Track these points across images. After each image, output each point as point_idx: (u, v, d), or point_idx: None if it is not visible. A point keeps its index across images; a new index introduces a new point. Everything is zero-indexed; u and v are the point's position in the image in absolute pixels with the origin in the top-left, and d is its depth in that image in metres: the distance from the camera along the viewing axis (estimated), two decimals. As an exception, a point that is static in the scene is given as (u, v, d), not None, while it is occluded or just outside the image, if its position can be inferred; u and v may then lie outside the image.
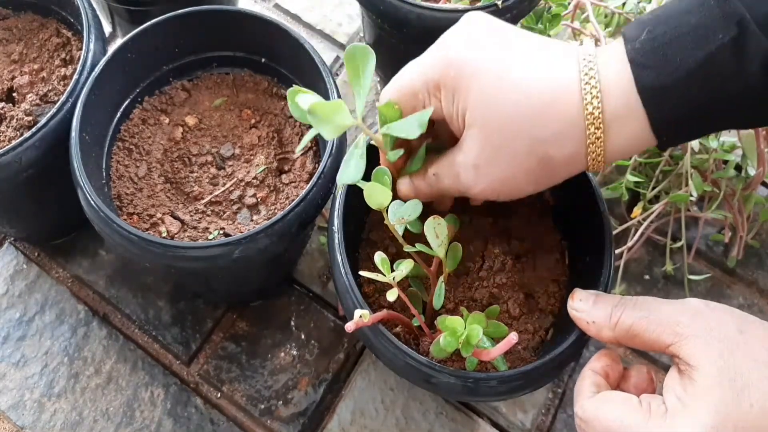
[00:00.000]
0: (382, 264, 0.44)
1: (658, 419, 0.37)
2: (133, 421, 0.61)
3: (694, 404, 0.36)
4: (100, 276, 0.67)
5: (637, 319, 0.40)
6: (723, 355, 0.37)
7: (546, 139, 0.39)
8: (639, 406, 0.38)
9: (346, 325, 0.42)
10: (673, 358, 0.39)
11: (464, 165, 0.42)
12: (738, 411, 0.35)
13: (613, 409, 0.39)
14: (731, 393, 0.35)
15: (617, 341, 0.41)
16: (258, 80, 0.63)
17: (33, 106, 0.59)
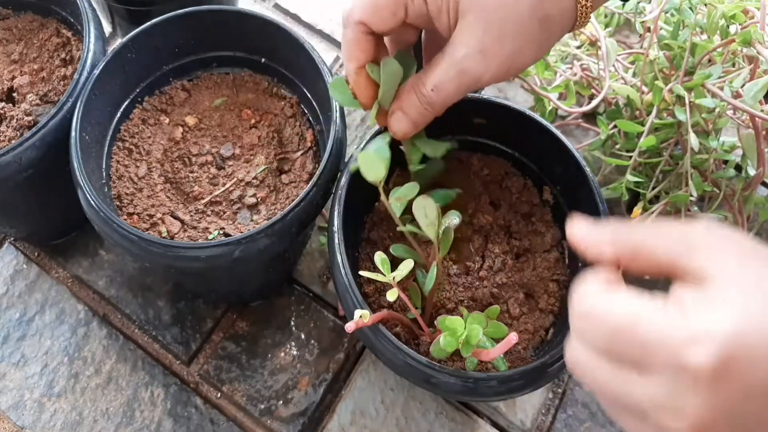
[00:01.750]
0: (382, 264, 0.44)
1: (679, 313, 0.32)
2: (133, 421, 0.61)
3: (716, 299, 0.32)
4: (100, 276, 0.67)
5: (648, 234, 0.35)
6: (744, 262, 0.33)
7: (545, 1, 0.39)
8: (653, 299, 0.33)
9: (346, 325, 0.42)
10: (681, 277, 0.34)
11: (469, 56, 0.40)
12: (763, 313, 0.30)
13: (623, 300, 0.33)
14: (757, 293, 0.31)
15: (617, 260, 0.37)
16: (258, 80, 0.63)
17: (33, 106, 0.59)
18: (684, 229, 0.35)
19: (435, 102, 0.42)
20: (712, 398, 0.31)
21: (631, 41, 0.75)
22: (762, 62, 0.57)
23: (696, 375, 0.30)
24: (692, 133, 0.58)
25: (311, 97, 0.60)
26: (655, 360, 0.32)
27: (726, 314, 0.31)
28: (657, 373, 0.31)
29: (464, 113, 0.53)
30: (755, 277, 0.32)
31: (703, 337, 0.30)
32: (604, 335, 0.33)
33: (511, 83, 0.76)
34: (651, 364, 0.32)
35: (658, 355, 0.31)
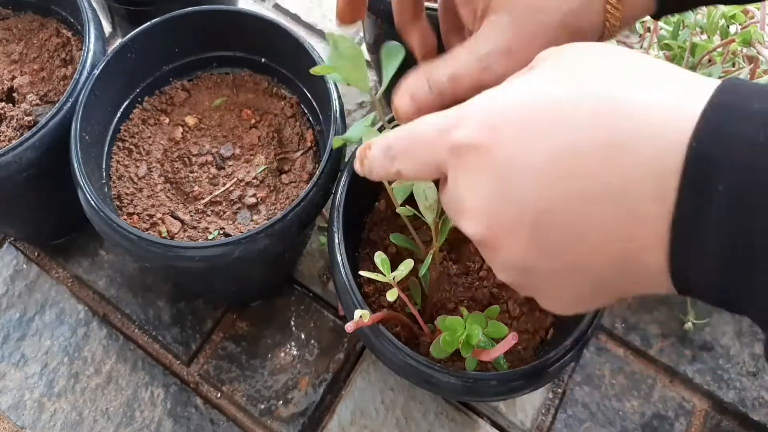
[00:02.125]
0: (382, 264, 0.44)
1: (452, 109, 0.31)
2: (133, 421, 0.61)
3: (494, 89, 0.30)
4: (100, 276, 0.67)
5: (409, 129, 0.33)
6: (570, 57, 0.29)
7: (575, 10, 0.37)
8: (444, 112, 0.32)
9: (346, 326, 0.42)
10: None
11: (494, 53, 0.38)
12: (555, 89, 0.27)
13: (420, 119, 0.32)
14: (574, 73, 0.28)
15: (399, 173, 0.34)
16: (258, 80, 0.63)
17: (33, 106, 0.59)
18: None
19: (447, 93, 0.40)
20: (483, 180, 0.28)
21: (631, 41, 0.75)
22: (762, 62, 0.57)
23: (463, 152, 0.29)
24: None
25: (311, 97, 0.60)
26: (440, 156, 0.30)
27: (497, 91, 0.29)
28: (447, 170, 0.30)
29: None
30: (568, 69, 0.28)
31: (471, 111, 0.29)
32: (406, 153, 0.32)
33: (511, 83, 0.76)
34: (441, 162, 0.30)
35: (437, 148, 0.30)
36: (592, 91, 0.26)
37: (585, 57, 0.29)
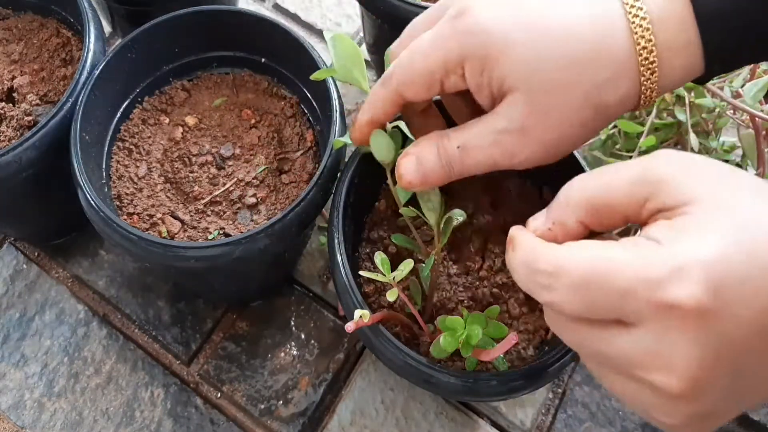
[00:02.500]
0: (382, 264, 0.44)
1: (651, 251, 0.28)
2: (133, 421, 0.61)
3: (692, 228, 0.28)
4: (100, 276, 0.67)
5: (600, 185, 0.32)
6: (715, 182, 0.29)
7: (600, 85, 0.35)
8: (622, 242, 0.30)
9: (346, 326, 0.42)
10: (651, 219, 0.31)
11: (508, 130, 0.36)
12: (748, 235, 0.27)
13: (596, 250, 0.30)
14: (737, 218, 0.28)
15: (584, 225, 0.33)
16: (258, 80, 0.63)
17: (33, 106, 0.59)
18: (640, 165, 0.31)
19: (456, 163, 0.39)
20: (702, 339, 0.27)
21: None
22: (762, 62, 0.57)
23: (682, 313, 0.27)
24: (692, 133, 0.58)
25: (311, 97, 0.60)
26: (635, 306, 0.28)
27: (705, 240, 0.28)
28: (640, 320, 0.28)
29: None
30: (731, 197, 0.28)
31: (684, 269, 0.27)
32: (574, 291, 0.29)
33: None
34: (632, 312, 0.28)
35: (637, 298, 0.28)
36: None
37: (728, 185, 0.29)
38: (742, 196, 0.29)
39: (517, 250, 0.32)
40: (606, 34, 0.35)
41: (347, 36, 0.44)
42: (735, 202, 0.28)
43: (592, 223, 0.32)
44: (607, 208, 0.31)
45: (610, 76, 0.35)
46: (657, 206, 0.30)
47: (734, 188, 0.29)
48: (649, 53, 0.34)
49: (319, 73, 0.46)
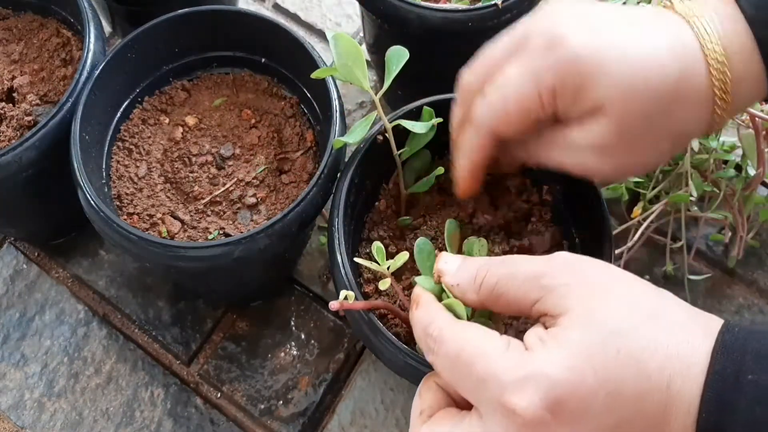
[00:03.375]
0: (378, 252, 0.44)
1: (516, 353, 0.32)
2: (133, 421, 0.61)
3: (554, 342, 0.32)
4: (100, 276, 0.67)
5: (503, 277, 0.35)
6: (592, 299, 0.32)
7: (682, 120, 0.38)
8: (500, 338, 0.33)
9: (330, 304, 0.42)
10: (539, 319, 0.34)
11: (591, 149, 0.38)
12: (602, 354, 0.30)
13: (474, 334, 0.34)
14: (597, 335, 0.31)
15: (482, 305, 0.37)
16: (258, 80, 0.63)
17: (33, 106, 0.59)
18: (541, 267, 0.34)
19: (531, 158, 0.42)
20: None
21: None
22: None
23: (521, 420, 0.30)
24: (692, 133, 0.58)
25: (311, 97, 0.60)
26: (486, 397, 0.32)
27: (559, 354, 0.31)
28: (488, 413, 0.32)
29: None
30: (599, 314, 0.32)
31: (531, 379, 0.30)
32: (448, 362, 0.34)
33: (511, 83, 0.76)
34: (484, 401, 0.32)
35: (489, 392, 0.31)
36: (629, 363, 0.30)
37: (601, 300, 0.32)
38: (612, 313, 0.32)
39: (419, 309, 0.36)
40: (688, 72, 0.37)
41: (348, 36, 0.44)
42: (601, 320, 0.32)
43: (490, 306, 0.36)
44: (504, 298, 0.35)
45: (692, 112, 0.37)
46: (543, 310, 0.34)
47: (609, 304, 0.32)
48: (724, 87, 0.37)
49: (319, 72, 0.46)
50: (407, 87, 0.58)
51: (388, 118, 0.50)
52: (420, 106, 0.51)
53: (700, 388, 0.29)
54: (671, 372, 0.30)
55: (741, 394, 0.28)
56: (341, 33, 0.44)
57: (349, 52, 0.44)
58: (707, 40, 0.37)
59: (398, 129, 0.49)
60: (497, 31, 0.57)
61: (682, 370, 0.30)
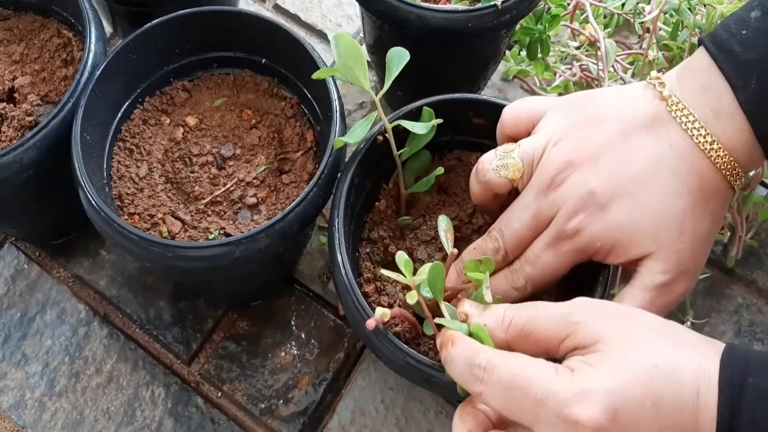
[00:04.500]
0: (405, 266, 0.43)
1: (567, 374, 0.35)
2: (134, 421, 0.61)
3: (599, 363, 0.35)
4: (101, 276, 0.67)
5: (531, 317, 0.38)
6: (621, 326, 0.36)
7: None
8: (547, 363, 0.36)
9: (367, 322, 0.42)
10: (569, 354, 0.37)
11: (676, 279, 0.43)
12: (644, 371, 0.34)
13: (524, 360, 0.36)
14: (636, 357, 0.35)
15: (508, 344, 0.39)
16: (258, 81, 0.63)
17: (34, 107, 0.59)
18: (566, 308, 0.38)
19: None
20: None
21: (630, 42, 0.75)
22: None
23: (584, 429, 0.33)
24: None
25: (311, 98, 0.60)
26: (545, 416, 0.34)
27: (608, 372, 0.34)
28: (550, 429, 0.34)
29: (464, 113, 0.54)
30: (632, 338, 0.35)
31: (589, 392, 0.33)
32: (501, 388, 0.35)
33: (510, 83, 0.76)
34: (542, 422, 0.34)
35: (548, 410, 0.34)
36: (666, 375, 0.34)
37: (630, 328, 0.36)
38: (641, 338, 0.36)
39: (457, 346, 0.38)
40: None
41: (349, 36, 0.44)
42: (634, 343, 0.35)
43: (517, 346, 0.38)
44: (532, 338, 0.38)
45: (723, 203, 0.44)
46: (574, 344, 0.36)
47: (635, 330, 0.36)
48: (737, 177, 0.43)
49: (320, 73, 0.47)
50: (407, 87, 0.58)
51: (388, 118, 0.50)
52: (420, 106, 0.51)
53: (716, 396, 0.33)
54: (698, 384, 0.34)
55: (743, 398, 0.32)
56: (342, 33, 0.44)
57: (350, 52, 0.44)
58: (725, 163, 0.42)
59: (398, 129, 0.49)
60: (497, 31, 0.58)
61: (704, 381, 0.34)
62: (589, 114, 0.44)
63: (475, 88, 0.69)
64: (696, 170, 0.42)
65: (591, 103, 0.45)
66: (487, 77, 0.70)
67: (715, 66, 0.41)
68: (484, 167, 0.47)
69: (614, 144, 0.43)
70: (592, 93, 0.46)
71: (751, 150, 0.42)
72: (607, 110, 0.44)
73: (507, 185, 0.46)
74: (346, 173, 0.50)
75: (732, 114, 0.41)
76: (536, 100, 0.48)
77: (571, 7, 0.70)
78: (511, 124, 0.48)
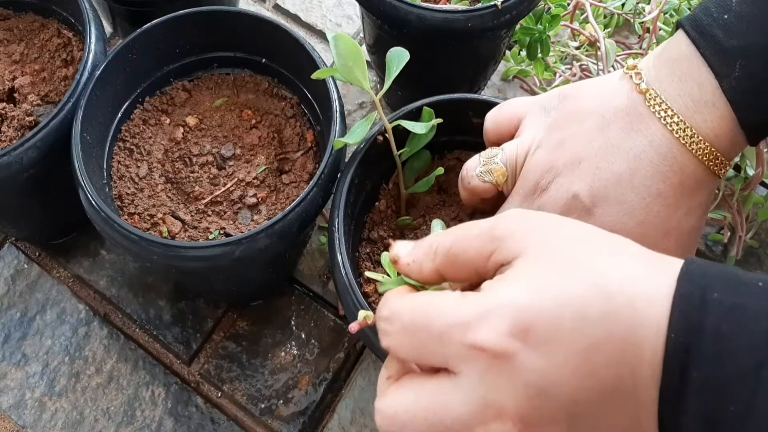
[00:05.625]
0: (389, 266, 0.43)
1: (472, 297, 0.30)
2: (134, 420, 0.61)
3: (510, 277, 0.30)
4: (101, 276, 0.67)
5: (457, 237, 0.33)
6: (547, 238, 0.31)
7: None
8: (453, 292, 0.32)
9: (349, 326, 0.42)
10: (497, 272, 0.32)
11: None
12: (559, 279, 0.29)
13: (424, 296, 0.32)
14: (553, 264, 0.30)
15: (439, 273, 0.34)
16: (258, 81, 0.63)
17: (34, 107, 0.59)
18: (489, 222, 0.33)
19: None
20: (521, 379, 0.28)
21: (630, 42, 0.75)
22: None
23: (492, 354, 0.28)
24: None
25: (311, 98, 0.60)
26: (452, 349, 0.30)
27: (515, 287, 0.29)
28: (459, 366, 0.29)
29: (464, 113, 0.54)
30: (554, 247, 0.31)
31: (491, 312, 0.29)
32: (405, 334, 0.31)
33: (510, 83, 0.76)
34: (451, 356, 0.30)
35: (452, 341, 0.29)
36: (589, 285, 0.29)
37: (556, 236, 0.32)
38: (566, 247, 0.31)
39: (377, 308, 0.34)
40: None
41: (348, 36, 0.44)
42: (556, 252, 0.31)
43: (447, 272, 0.34)
44: (459, 259, 0.33)
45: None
46: (499, 260, 0.32)
47: (560, 239, 0.31)
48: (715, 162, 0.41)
49: (320, 73, 0.47)
50: (407, 87, 0.58)
51: (388, 118, 0.50)
52: (420, 106, 0.51)
53: (667, 311, 0.28)
54: (634, 293, 0.29)
55: (706, 314, 0.28)
56: (342, 33, 0.44)
57: (350, 52, 0.44)
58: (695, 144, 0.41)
59: (398, 129, 0.49)
60: (497, 31, 0.58)
61: (645, 292, 0.29)
62: (567, 111, 0.44)
63: (475, 88, 0.69)
64: (678, 166, 0.41)
65: (569, 100, 0.44)
66: (487, 77, 0.70)
67: (697, 53, 0.40)
68: (468, 174, 0.46)
69: (595, 143, 0.42)
70: (570, 89, 0.45)
71: (733, 138, 0.41)
72: (585, 107, 0.43)
73: (492, 190, 0.46)
74: (346, 173, 0.50)
75: (714, 103, 0.40)
76: (513, 103, 0.47)
77: (571, 7, 0.70)
78: (493, 131, 0.48)
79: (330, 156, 0.51)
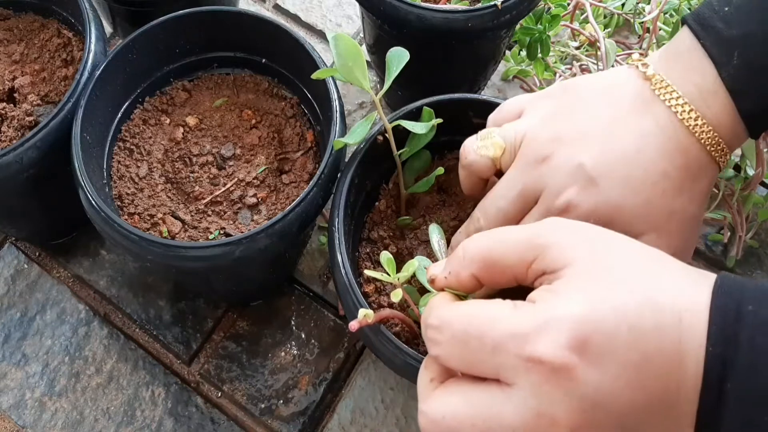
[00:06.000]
0: (388, 264, 0.43)
1: (526, 308, 0.30)
2: (134, 420, 0.61)
3: (565, 289, 0.30)
4: (101, 276, 0.67)
5: (494, 243, 0.33)
6: (594, 250, 0.31)
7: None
8: (504, 301, 0.32)
9: (349, 325, 0.42)
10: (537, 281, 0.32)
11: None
12: (616, 293, 0.30)
13: (476, 305, 0.32)
14: (608, 278, 0.30)
15: (477, 279, 0.34)
16: (258, 81, 0.63)
17: (34, 107, 0.59)
18: (528, 230, 0.33)
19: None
20: (576, 391, 0.28)
21: (630, 42, 0.75)
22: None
23: (550, 367, 0.28)
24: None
25: (311, 98, 0.60)
26: (506, 360, 0.29)
27: (572, 300, 0.29)
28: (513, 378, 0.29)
29: (464, 113, 0.54)
30: (603, 261, 0.31)
31: (550, 324, 0.29)
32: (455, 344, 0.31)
33: (510, 83, 0.76)
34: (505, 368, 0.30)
35: (508, 353, 0.29)
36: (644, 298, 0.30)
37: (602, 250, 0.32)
38: (616, 260, 0.31)
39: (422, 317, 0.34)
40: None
41: (348, 36, 0.44)
42: (606, 265, 0.31)
43: (484, 278, 0.34)
44: (498, 265, 0.33)
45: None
46: (541, 268, 0.32)
47: (610, 253, 0.32)
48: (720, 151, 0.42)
49: (320, 73, 0.47)
50: (407, 87, 0.58)
51: (388, 118, 0.50)
52: (420, 106, 0.51)
53: (705, 323, 0.29)
54: (681, 307, 0.29)
55: (742, 326, 0.28)
56: (342, 33, 0.44)
57: (350, 52, 0.44)
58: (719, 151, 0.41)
59: (398, 129, 0.49)
60: (497, 31, 0.58)
61: (689, 304, 0.29)
62: (573, 98, 0.43)
63: (475, 88, 0.70)
64: (683, 148, 0.41)
65: (575, 88, 0.44)
66: (487, 77, 0.70)
67: (698, 44, 0.41)
68: (465, 150, 0.46)
69: (602, 121, 0.42)
70: (575, 80, 0.45)
71: (735, 127, 0.41)
72: (592, 93, 0.43)
73: (490, 166, 0.45)
74: (346, 173, 0.50)
75: (716, 91, 0.40)
76: (515, 98, 0.47)
77: (571, 7, 0.70)
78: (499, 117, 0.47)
79: (330, 156, 0.51)
